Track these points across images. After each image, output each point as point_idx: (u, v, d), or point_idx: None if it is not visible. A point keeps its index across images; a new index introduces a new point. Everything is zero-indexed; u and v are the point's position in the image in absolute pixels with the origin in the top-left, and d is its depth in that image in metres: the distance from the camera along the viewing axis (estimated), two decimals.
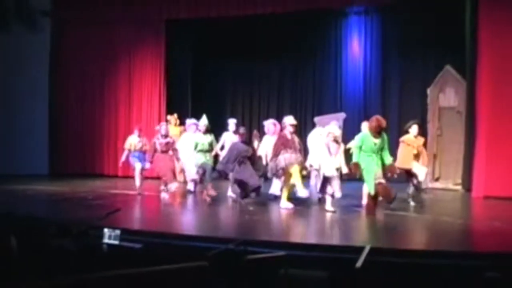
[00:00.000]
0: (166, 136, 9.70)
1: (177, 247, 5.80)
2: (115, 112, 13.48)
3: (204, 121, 9.81)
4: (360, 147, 7.63)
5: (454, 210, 8.90)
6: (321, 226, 7.49)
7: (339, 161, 8.32)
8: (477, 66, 10.19)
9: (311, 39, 13.63)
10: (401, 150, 8.81)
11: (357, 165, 7.58)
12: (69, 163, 13.70)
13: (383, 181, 7.56)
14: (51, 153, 13.97)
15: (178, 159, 9.93)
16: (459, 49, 10.89)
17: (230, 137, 9.67)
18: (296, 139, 8.52)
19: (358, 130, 8.79)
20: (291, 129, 8.47)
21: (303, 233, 7.04)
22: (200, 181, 9.48)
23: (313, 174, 8.76)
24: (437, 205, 9.28)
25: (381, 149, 7.66)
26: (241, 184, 8.61)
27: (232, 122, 10.06)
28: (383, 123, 7.68)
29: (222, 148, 9.79)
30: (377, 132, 7.63)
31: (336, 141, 8.20)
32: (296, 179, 8.15)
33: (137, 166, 9.83)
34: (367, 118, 8.99)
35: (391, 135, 8.33)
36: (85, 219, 5.99)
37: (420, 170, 8.71)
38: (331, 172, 7.96)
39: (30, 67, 13.62)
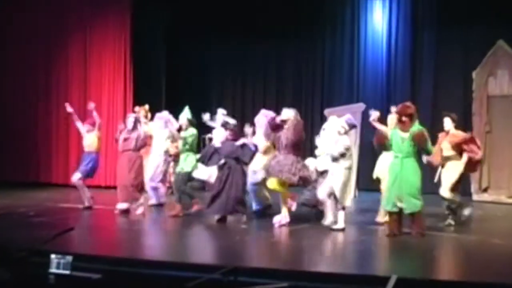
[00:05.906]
0: (131, 131, 9.55)
1: (147, 277, 5.80)
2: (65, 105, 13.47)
3: (186, 114, 9.68)
4: (391, 146, 7.81)
5: (507, 230, 8.91)
6: (333, 249, 7.51)
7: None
8: None
9: (319, 13, 13.68)
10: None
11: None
12: (4, 169, 13.64)
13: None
14: None
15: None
16: None
17: (218, 134, 9.34)
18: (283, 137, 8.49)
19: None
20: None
21: (310, 258, 7.03)
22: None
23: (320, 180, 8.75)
24: (485, 223, 9.29)
25: (413, 148, 7.63)
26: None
27: (220, 113, 9.88)
28: (401, 108, 7.74)
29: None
30: (399, 121, 7.68)
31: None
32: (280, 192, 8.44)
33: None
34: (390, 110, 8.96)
35: None
36: (26, 242, 5.96)
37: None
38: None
39: None
